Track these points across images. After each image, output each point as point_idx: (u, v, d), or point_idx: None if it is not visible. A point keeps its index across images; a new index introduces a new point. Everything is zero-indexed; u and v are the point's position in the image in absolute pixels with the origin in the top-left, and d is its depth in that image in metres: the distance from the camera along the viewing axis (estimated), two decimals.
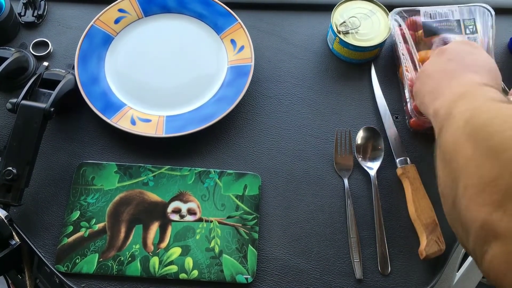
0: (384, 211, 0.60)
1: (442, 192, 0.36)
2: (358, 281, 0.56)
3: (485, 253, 0.29)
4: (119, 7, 0.71)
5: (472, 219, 0.30)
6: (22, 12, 0.72)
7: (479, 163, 0.30)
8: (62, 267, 0.56)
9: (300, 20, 0.74)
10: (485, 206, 0.28)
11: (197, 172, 0.61)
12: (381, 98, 0.67)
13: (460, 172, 0.32)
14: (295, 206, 0.60)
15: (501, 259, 0.28)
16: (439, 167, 0.37)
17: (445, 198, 0.35)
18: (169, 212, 0.59)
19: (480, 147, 0.31)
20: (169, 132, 0.63)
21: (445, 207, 0.36)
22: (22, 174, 0.55)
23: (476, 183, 0.30)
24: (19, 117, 0.57)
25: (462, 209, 0.31)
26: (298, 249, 0.58)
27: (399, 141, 0.63)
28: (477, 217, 0.29)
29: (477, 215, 0.29)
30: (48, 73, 0.62)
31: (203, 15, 0.72)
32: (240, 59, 0.68)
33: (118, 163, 0.62)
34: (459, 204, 0.32)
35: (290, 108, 0.67)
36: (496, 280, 0.29)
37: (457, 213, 0.32)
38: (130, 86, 0.67)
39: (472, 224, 0.30)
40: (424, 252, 0.55)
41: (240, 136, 0.65)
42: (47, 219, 0.59)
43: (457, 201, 0.32)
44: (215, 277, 0.55)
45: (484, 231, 0.29)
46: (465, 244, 0.33)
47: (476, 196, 0.29)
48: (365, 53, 0.68)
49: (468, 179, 0.31)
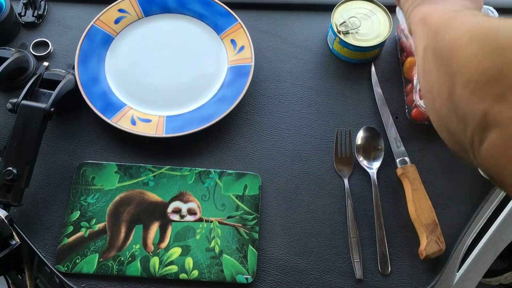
0: (384, 211, 0.60)
1: (431, 89, 0.38)
2: (358, 281, 0.56)
3: (484, 140, 0.31)
4: (119, 7, 0.71)
5: (473, 110, 0.32)
6: (22, 12, 0.72)
7: (482, 60, 0.32)
8: (62, 267, 0.56)
9: (300, 20, 0.74)
10: (487, 98, 0.30)
11: (197, 172, 0.61)
12: (381, 98, 0.67)
13: (460, 68, 0.34)
14: (295, 206, 0.61)
15: (499, 143, 0.30)
16: (431, 68, 0.38)
17: (436, 94, 0.37)
18: (169, 212, 0.59)
19: (485, 46, 0.32)
20: (169, 132, 0.63)
21: (436, 102, 0.37)
22: (22, 174, 0.55)
23: (479, 78, 0.32)
24: (19, 117, 0.57)
25: (462, 102, 0.33)
26: (298, 249, 0.58)
27: (399, 141, 0.63)
28: (479, 108, 0.31)
29: (478, 106, 0.31)
30: (48, 73, 0.62)
31: (203, 15, 0.72)
32: (240, 59, 0.68)
33: (118, 163, 0.62)
34: (458, 97, 0.34)
35: (290, 108, 0.67)
36: (492, 166, 0.31)
37: (455, 105, 0.34)
38: (130, 86, 0.67)
39: (474, 114, 0.32)
40: (424, 252, 0.55)
41: (240, 136, 0.65)
42: (47, 219, 0.59)
43: (456, 94, 0.34)
44: (215, 277, 0.55)
45: (485, 120, 0.31)
46: (460, 136, 0.35)
47: (479, 89, 0.31)
48: (365, 53, 0.68)
49: (471, 74, 0.32)
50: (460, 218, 0.60)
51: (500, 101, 0.30)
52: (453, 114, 0.35)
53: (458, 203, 0.61)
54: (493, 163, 0.31)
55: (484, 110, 0.31)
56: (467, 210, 0.60)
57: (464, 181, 0.62)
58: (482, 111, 0.31)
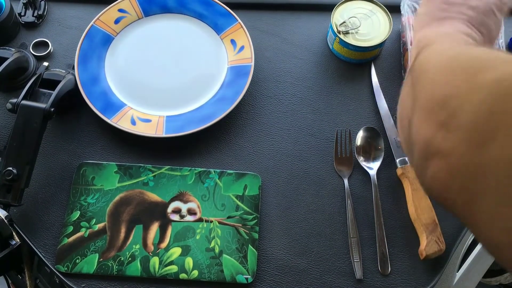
0: (384, 211, 0.60)
1: (401, 114, 0.37)
2: (358, 281, 0.56)
3: (428, 168, 0.30)
4: (119, 7, 0.71)
5: (419, 136, 0.31)
6: (22, 12, 0.72)
7: (436, 86, 0.31)
8: (62, 267, 0.56)
9: (300, 20, 0.74)
10: (432, 125, 0.29)
11: (197, 172, 0.61)
12: (381, 98, 0.67)
13: (420, 92, 0.33)
14: (295, 206, 0.60)
15: (444, 174, 0.28)
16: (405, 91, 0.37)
17: (402, 121, 0.36)
18: (169, 212, 0.59)
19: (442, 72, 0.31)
20: (169, 132, 0.63)
21: (401, 133, 0.37)
22: (22, 174, 0.55)
23: (428, 104, 0.31)
24: (19, 117, 0.57)
25: (414, 127, 0.32)
26: (298, 249, 0.58)
27: (399, 141, 0.63)
28: (425, 134, 0.30)
29: (424, 132, 0.30)
30: (48, 73, 0.62)
31: (203, 15, 0.72)
32: (240, 59, 0.68)
33: (118, 163, 0.62)
34: (411, 125, 0.33)
35: (290, 108, 0.67)
36: (439, 193, 0.30)
37: (409, 134, 0.33)
38: (130, 86, 0.67)
39: (418, 140, 0.31)
40: (424, 252, 0.55)
41: (240, 136, 0.65)
42: (47, 219, 0.59)
43: (411, 122, 0.33)
44: (215, 277, 0.55)
45: (428, 147, 0.30)
46: (411, 163, 0.34)
47: (427, 115, 0.31)
48: (365, 53, 0.68)
49: (425, 100, 0.32)
50: None
51: (442, 129, 0.28)
52: (405, 140, 0.34)
53: None
54: (440, 194, 0.30)
55: (427, 137, 0.30)
56: None
57: None
58: (425, 137, 0.30)
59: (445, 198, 0.29)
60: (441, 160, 0.28)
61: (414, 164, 0.33)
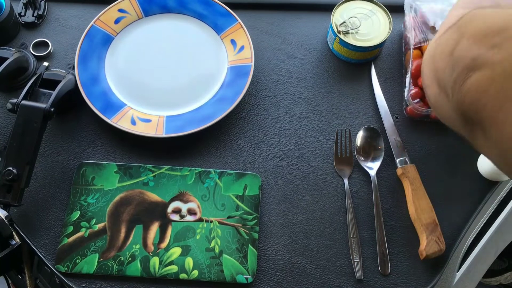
0: (384, 211, 0.60)
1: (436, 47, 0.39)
2: (358, 281, 0.56)
3: (468, 78, 0.33)
4: (119, 7, 0.71)
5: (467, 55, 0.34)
6: (22, 12, 0.72)
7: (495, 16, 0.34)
8: (62, 267, 0.56)
9: (300, 20, 0.74)
10: (484, 46, 0.32)
11: (197, 172, 0.61)
12: (381, 98, 0.67)
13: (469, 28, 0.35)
14: (295, 206, 0.61)
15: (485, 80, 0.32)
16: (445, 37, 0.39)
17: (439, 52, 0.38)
18: (169, 212, 0.59)
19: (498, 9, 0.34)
20: (169, 132, 0.63)
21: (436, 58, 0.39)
22: (22, 174, 0.55)
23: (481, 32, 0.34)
24: (19, 117, 0.57)
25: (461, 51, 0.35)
26: (298, 249, 0.58)
27: (399, 141, 0.63)
28: (472, 53, 0.33)
29: (472, 52, 0.33)
30: (48, 73, 0.62)
31: (203, 15, 0.72)
32: (240, 59, 0.68)
33: (118, 163, 0.62)
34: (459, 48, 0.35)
35: (290, 108, 0.67)
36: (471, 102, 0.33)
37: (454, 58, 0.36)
38: (130, 86, 0.67)
39: (465, 58, 0.34)
40: (424, 252, 0.55)
41: (240, 136, 0.65)
42: (47, 219, 0.59)
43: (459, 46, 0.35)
44: (215, 277, 0.55)
45: (474, 62, 0.33)
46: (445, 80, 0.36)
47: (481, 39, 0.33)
48: (365, 53, 0.68)
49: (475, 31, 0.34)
50: (460, 218, 0.60)
51: (495, 48, 0.31)
52: (448, 65, 0.36)
53: (458, 203, 0.61)
54: (474, 99, 0.33)
55: (475, 55, 0.33)
56: (467, 210, 0.60)
57: (464, 181, 0.62)
58: (474, 55, 0.33)
59: (476, 105, 0.32)
60: (486, 70, 0.32)
61: (452, 79, 0.35)
